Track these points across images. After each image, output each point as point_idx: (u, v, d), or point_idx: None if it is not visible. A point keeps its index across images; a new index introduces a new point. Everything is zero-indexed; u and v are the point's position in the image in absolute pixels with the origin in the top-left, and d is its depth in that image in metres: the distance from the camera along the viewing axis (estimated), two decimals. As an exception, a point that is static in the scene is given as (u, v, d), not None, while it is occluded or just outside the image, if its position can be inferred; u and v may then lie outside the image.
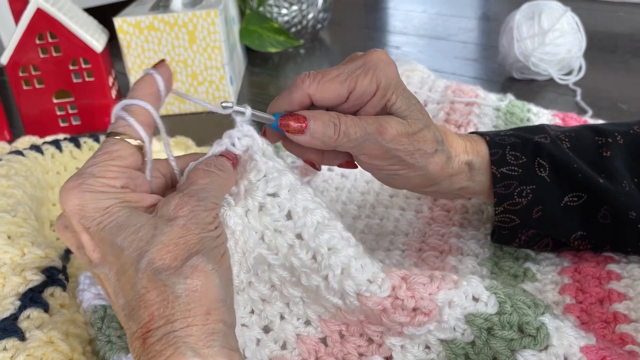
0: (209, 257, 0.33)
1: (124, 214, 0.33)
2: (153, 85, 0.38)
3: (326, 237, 0.38)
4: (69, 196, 0.34)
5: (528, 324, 0.38)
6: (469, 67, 1.14)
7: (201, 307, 0.31)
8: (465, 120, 0.72)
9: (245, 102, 1.05)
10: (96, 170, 0.34)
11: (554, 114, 0.76)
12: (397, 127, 0.43)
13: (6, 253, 0.49)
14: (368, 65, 0.42)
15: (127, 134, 0.36)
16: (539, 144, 0.49)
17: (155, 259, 0.32)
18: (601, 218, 0.48)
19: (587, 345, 0.37)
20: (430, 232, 0.57)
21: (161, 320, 0.31)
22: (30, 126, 0.93)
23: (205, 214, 0.34)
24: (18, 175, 0.61)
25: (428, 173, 0.46)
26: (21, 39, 0.87)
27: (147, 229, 0.33)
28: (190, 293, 0.31)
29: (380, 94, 0.43)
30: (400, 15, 1.55)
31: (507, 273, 0.51)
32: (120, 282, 0.33)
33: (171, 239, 0.32)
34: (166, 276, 0.31)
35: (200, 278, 0.32)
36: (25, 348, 0.41)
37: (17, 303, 0.45)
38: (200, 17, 0.94)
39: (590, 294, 0.47)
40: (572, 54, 0.96)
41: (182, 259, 0.32)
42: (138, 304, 0.32)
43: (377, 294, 0.38)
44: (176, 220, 0.33)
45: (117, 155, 0.35)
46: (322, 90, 0.42)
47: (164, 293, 0.31)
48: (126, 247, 0.32)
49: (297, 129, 0.41)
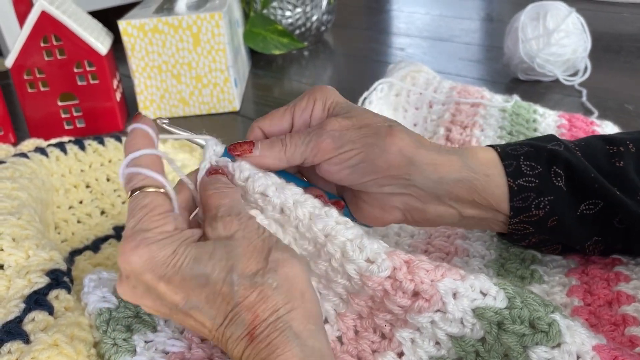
0: (280, 249, 0.37)
1: (192, 248, 0.36)
2: (145, 135, 0.40)
3: (320, 226, 0.40)
4: (133, 255, 0.35)
5: (540, 319, 0.37)
6: (473, 69, 1.13)
7: (296, 290, 0.36)
8: (471, 122, 0.71)
9: (249, 104, 1.06)
10: (145, 225, 0.36)
11: (560, 115, 0.76)
12: (338, 118, 0.45)
13: (11, 255, 0.49)
14: (305, 93, 0.47)
15: (147, 185, 0.38)
16: (554, 152, 0.47)
17: (243, 269, 0.35)
18: (617, 223, 0.47)
19: (598, 345, 0.37)
20: (436, 233, 0.57)
21: (267, 312, 0.35)
22: (34, 129, 0.93)
23: (251, 222, 0.38)
24: (23, 177, 0.61)
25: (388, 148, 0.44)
26: (26, 42, 0.87)
27: (219, 250, 0.36)
28: (285, 281, 0.35)
29: (319, 106, 0.46)
30: (403, 17, 1.55)
31: (514, 275, 0.51)
32: (215, 304, 0.36)
33: (244, 249, 0.36)
34: (260, 277, 0.35)
35: (286, 266, 0.36)
36: (30, 351, 0.41)
37: (22, 306, 0.45)
38: (205, 20, 0.94)
39: (599, 296, 0.47)
40: (577, 54, 0.96)
41: (263, 260, 0.36)
42: (238, 312, 0.35)
43: (377, 274, 0.39)
44: (234, 235, 0.37)
45: (154, 205, 0.37)
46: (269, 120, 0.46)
47: (263, 291, 0.35)
48: (210, 272, 0.35)
49: (247, 148, 0.44)
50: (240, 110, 1.01)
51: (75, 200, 0.68)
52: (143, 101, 0.99)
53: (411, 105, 0.77)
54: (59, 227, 0.64)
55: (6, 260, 0.49)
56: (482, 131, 0.70)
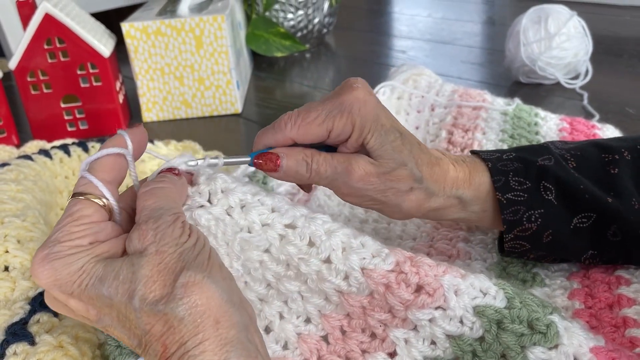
0: (195, 268, 0.33)
1: (100, 266, 0.34)
2: (120, 143, 0.38)
3: (319, 222, 0.39)
4: (39, 270, 0.34)
5: (538, 320, 0.37)
6: (475, 71, 1.14)
7: (208, 318, 0.31)
8: (472, 125, 0.71)
9: (252, 106, 1.06)
10: (60, 236, 0.34)
11: (561, 118, 0.76)
12: (365, 168, 0.44)
13: (16, 257, 0.50)
14: (344, 106, 0.43)
15: (90, 192, 0.36)
16: (543, 168, 0.48)
17: (145, 294, 0.32)
18: (611, 236, 0.47)
19: (596, 346, 0.37)
20: (438, 236, 0.57)
21: (174, 345, 0.31)
22: (38, 131, 0.93)
23: (170, 229, 0.34)
24: (27, 179, 0.61)
25: (403, 210, 0.47)
26: (29, 44, 0.88)
27: (126, 269, 0.33)
28: (193, 310, 0.31)
29: (356, 135, 0.44)
30: (405, 19, 1.55)
31: (516, 278, 0.51)
32: (125, 326, 0.33)
33: (152, 268, 0.32)
34: (163, 305, 0.32)
35: (195, 292, 0.32)
36: (35, 352, 0.41)
37: (27, 307, 0.45)
38: (207, 22, 0.94)
39: (600, 299, 0.47)
40: (578, 58, 0.96)
41: (170, 283, 0.32)
42: (149, 339, 0.32)
43: (381, 266, 0.39)
44: (147, 250, 0.33)
45: (79, 215, 0.35)
46: (303, 134, 0.43)
47: (168, 321, 0.31)
48: (114, 295, 0.33)
49: (271, 168, 0.43)
50: (242, 112, 1.01)
51: (79, 202, 0.68)
52: (145, 103, 1.00)
53: (413, 108, 0.78)
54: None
55: (11, 262, 0.49)
56: (484, 134, 0.70)
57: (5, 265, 0.49)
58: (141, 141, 0.39)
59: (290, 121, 0.43)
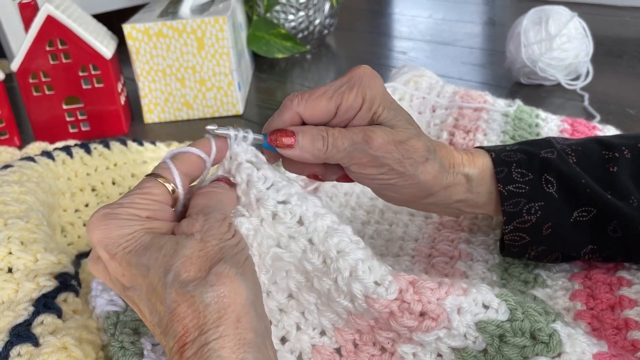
0: (231, 263, 0.34)
1: (148, 237, 0.35)
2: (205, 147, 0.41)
3: (335, 241, 0.39)
4: (94, 227, 0.35)
5: (540, 331, 0.38)
6: (475, 73, 1.14)
7: (231, 313, 0.32)
8: (473, 126, 0.72)
9: (252, 107, 1.06)
10: (124, 201, 0.36)
11: (562, 119, 0.76)
12: (383, 135, 0.44)
13: (19, 259, 0.50)
14: (353, 81, 0.44)
15: (164, 176, 0.38)
16: (546, 160, 0.48)
17: (180, 272, 0.33)
18: (611, 232, 0.47)
19: (599, 352, 0.37)
20: (440, 237, 0.57)
21: (195, 331, 0.32)
22: (40, 132, 0.93)
23: (218, 224, 0.36)
24: (30, 181, 0.62)
25: (420, 182, 0.46)
26: (31, 45, 0.88)
27: (170, 245, 0.34)
28: (219, 300, 0.32)
29: (367, 107, 0.44)
30: (406, 20, 1.55)
31: (517, 279, 0.51)
32: (152, 300, 0.34)
33: (193, 251, 0.34)
34: (193, 287, 0.33)
35: (226, 284, 0.33)
36: (39, 354, 0.41)
37: (31, 309, 0.45)
38: (209, 24, 0.94)
39: (601, 300, 0.47)
40: (579, 59, 0.96)
41: (206, 269, 0.33)
42: (171, 319, 0.33)
43: (384, 296, 0.38)
44: (193, 235, 0.35)
45: (147, 190, 0.37)
46: (311, 107, 0.43)
47: (194, 304, 0.32)
48: (152, 266, 0.34)
49: (287, 143, 0.43)
50: (243, 113, 1.01)
51: (81, 204, 0.68)
52: (147, 104, 1.00)
53: (414, 110, 0.78)
54: (65, 230, 0.64)
55: (15, 264, 0.49)
56: (485, 135, 0.71)
57: (8, 267, 0.49)
58: (223, 149, 0.41)
59: (297, 97, 0.43)
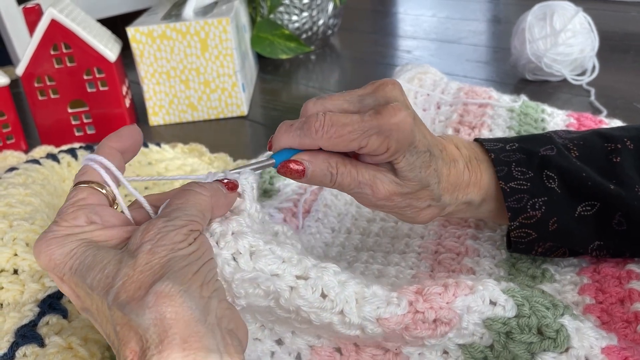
0: (175, 279, 0.30)
1: (91, 253, 0.33)
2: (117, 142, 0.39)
3: (331, 272, 0.37)
4: (38, 251, 0.34)
5: (547, 326, 0.37)
6: (480, 70, 1.13)
7: (174, 335, 0.29)
8: (479, 122, 0.71)
9: (257, 108, 1.06)
10: (59, 218, 0.35)
11: (568, 114, 0.76)
12: (389, 188, 0.43)
13: (25, 260, 0.50)
14: (382, 130, 0.40)
15: (94, 181, 0.36)
16: (545, 158, 0.48)
17: (120, 292, 0.30)
18: (616, 225, 0.47)
19: (608, 346, 0.37)
20: (446, 234, 0.57)
21: (141, 357, 0.29)
22: (45, 136, 0.94)
23: (174, 232, 0.32)
24: (35, 183, 0.62)
25: (416, 221, 0.47)
26: (36, 50, 0.88)
27: (113, 264, 0.32)
28: (159, 322, 0.29)
29: (387, 156, 0.42)
30: (410, 19, 1.55)
31: (525, 274, 0.50)
32: (102, 323, 0.33)
33: (135, 268, 0.31)
34: (129, 309, 0.29)
35: (165, 304, 0.29)
36: (45, 354, 0.41)
37: (36, 309, 0.45)
38: (212, 25, 0.94)
39: (611, 294, 0.47)
40: (585, 54, 0.95)
41: (146, 287, 0.30)
42: (119, 342, 0.30)
43: (397, 313, 0.37)
44: (142, 247, 0.32)
45: (77, 198, 0.35)
46: (333, 145, 0.40)
47: (133, 328, 0.29)
48: (95, 287, 0.32)
49: (297, 172, 0.41)
50: (248, 114, 1.01)
51: (87, 206, 0.68)
52: (152, 107, 1.00)
53: (419, 107, 0.77)
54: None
55: (20, 265, 0.49)
56: (490, 131, 0.70)
57: (14, 268, 0.49)
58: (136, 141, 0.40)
59: (322, 129, 0.40)
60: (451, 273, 0.51)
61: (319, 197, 0.63)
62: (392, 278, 0.51)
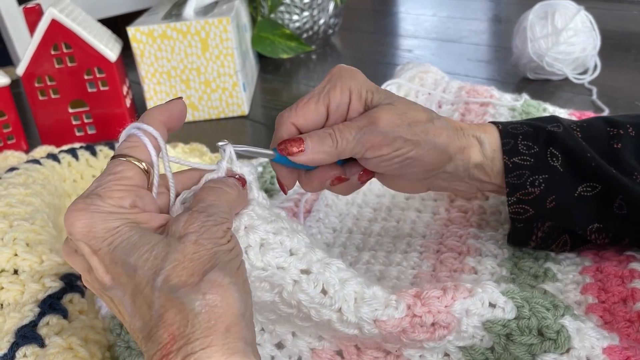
0: (225, 271, 0.32)
1: (136, 233, 0.33)
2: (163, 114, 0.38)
3: (334, 269, 0.38)
4: (76, 218, 0.33)
5: (548, 328, 0.37)
6: (482, 69, 1.13)
7: (221, 323, 0.30)
8: (480, 121, 0.71)
9: (258, 108, 1.06)
10: (102, 192, 0.34)
11: (570, 113, 0.75)
12: (386, 112, 0.44)
13: (25, 260, 0.50)
14: (334, 79, 0.45)
15: (132, 155, 0.36)
16: (552, 133, 0.49)
17: (171, 276, 0.31)
18: (617, 209, 0.47)
19: (610, 346, 0.37)
20: (448, 233, 0.57)
21: (182, 340, 0.30)
22: (46, 136, 0.94)
23: (216, 228, 0.34)
24: (36, 183, 0.62)
25: (437, 144, 0.46)
26: (36, 50, 0.88)
27: (161, 247, 0.32)
28: (210, 309, 0.30)
29: (356, 97, 0.45)
30: (410, 19, 1.55)
31: (527, 273, 0.50)
32: (136, 303, 0.32)
33: (185, 255, 0.32)
34: (183, 293, 0.30)
35: (219, 293, 0.31)
36: (45, 355, 0.41)
37: (37, 310, 0.45)
38: (213, 25, 0.94)
39: (613, 293, 0.47)
40: (586, 52, 0.95)
41: (198, 275, 0.31)
42: (157, 324, 0.31)
43: (394, 316, 0.37)
44: (187, 236, 0.32)
45: (122, 175, 0.35)
46: (302, 115, 0.44)
47: (183, 311, 0.30)
48: (140, 266, 0.32)
49: (297, 147, 0.43)
50: (249, 114, 1.01)
51: (87, 206, 0.68)
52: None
53: (420, 106, 0.77)
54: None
55: (20, 265, 0.49)
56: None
57: (14, 269, 0.49)
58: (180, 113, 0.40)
59: (286, 110, 0.45)
60: (453, 272, 0.51)
61: (320, 196, 0.63)
62: (394, 280, 0.51)
